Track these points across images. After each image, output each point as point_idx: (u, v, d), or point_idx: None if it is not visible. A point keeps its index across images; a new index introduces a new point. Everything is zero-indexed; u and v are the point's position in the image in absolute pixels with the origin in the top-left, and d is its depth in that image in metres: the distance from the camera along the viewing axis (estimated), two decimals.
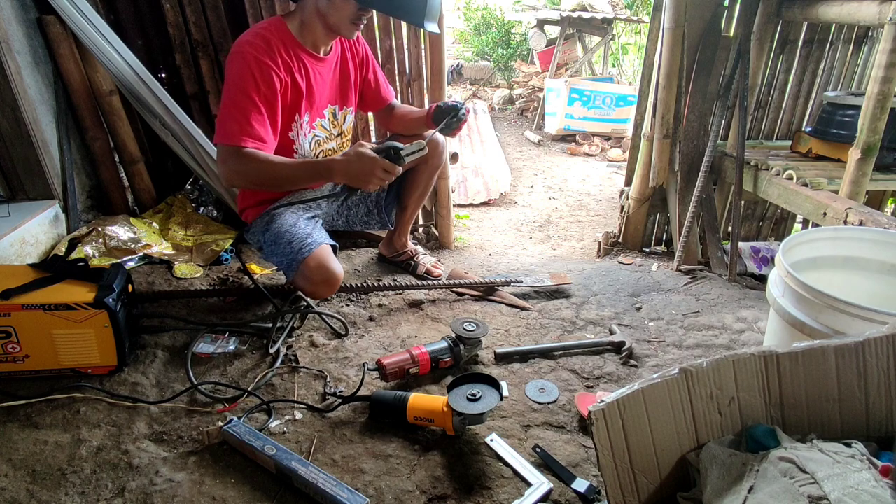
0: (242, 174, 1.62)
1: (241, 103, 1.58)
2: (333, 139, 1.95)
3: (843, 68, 2.75)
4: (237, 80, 1.58)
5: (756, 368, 1.03)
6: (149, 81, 2.20)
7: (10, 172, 2.12)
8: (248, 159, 1.57)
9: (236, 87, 1.58)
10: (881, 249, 1.54)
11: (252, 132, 1.59)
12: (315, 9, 1.66)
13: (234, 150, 1.58)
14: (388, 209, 2.20)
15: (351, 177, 1.57)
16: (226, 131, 1.58)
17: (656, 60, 2.57)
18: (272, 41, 1.63)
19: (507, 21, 8.11)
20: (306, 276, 1.72)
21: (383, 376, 1.56)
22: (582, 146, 5.66)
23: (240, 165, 1.58)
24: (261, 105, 1.60)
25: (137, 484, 1.23)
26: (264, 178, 1.63)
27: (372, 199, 2.17)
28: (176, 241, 2.30)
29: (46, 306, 1.45)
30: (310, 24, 1.69)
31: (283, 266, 1.79)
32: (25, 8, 2.06)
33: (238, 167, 1.59)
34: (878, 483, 0.88)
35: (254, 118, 1.59)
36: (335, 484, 1.18)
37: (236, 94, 1.58)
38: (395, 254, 2.31)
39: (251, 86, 1.58)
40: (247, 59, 1.58)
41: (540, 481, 1.26)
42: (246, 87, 1.58)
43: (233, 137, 1.57)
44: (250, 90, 1.58)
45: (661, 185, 2.69)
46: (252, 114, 1.58)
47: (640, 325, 1.96)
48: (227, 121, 1.58)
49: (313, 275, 1.71)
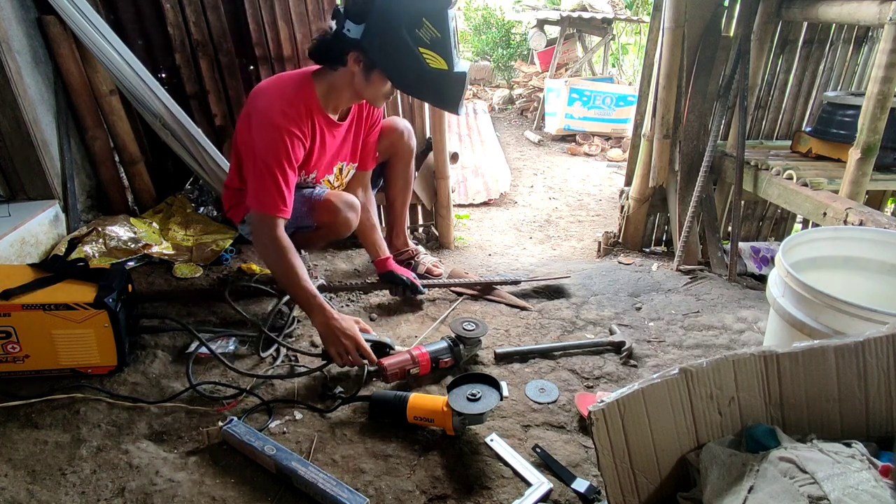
0: (269, 249, 1.65)
1: (275, 172, 1.62)
2: (334, 189, 1.98)
3: (843, 68, 2.75)
4: (272, 149, 1.62)
5: (756, 368, 1.03)
6: (149, 81, 2.20)
7: (10, 172, 2.12)
8: (279, 244, 1.63)
9: (272, 156, 1.61)
10: (881, 249, 1.54)
11: (286, 201, 1.65)
12: (350, 80, 1.67)
13: (272, 220, 1.63)
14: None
15: (325, 334, 1.59)
16: (264, 201, 1.63)
17: (656, 60, 2.57)
18: (301, 109, 1.65)
19: (507, 21, 8.11)
20: (333, 208, 1.80)
21: (384, 377, 1.56)
22: (582, 146, 5.66)
23: (270, 241, 1.63)
24: (289, 173, 1.65)
25: (137, 484, 1.23)
26: (275, 268, 1.69)
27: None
28: (176, 241, 2.30)
29: (46, 306, 1.45)
30: (339, 90, 1.71)
31: (301, 213, 1.82)
32: (25, 8, 2.06)
33: (269, 241, 1.63)
34: (878, 483, 0.88)
35: (286, 188, 1.64)
36: (335, 484, 1.18)
37: (272, 162, 1.61)
38: (395, 254, 2.31)
39: (284, 156, 1.62)
40: (280, 130, 1.61)
41: (540, 481, 1.26)
42: (279, 157, 1.62)
43: (272, 208, 1.63)
44: (283, 160, 1.62)
45: (661, 185, 2.69)
46: (285, 184, 1.64)
47: (640, 325, 1.96)
48: (264, 190, 1.63)
49: (339, 202, 1.80)
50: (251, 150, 1.65)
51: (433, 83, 1.64)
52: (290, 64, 2.39)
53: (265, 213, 1.63)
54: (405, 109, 2.55)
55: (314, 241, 2.04)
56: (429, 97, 1.85)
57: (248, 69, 2.41)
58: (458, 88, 1.66)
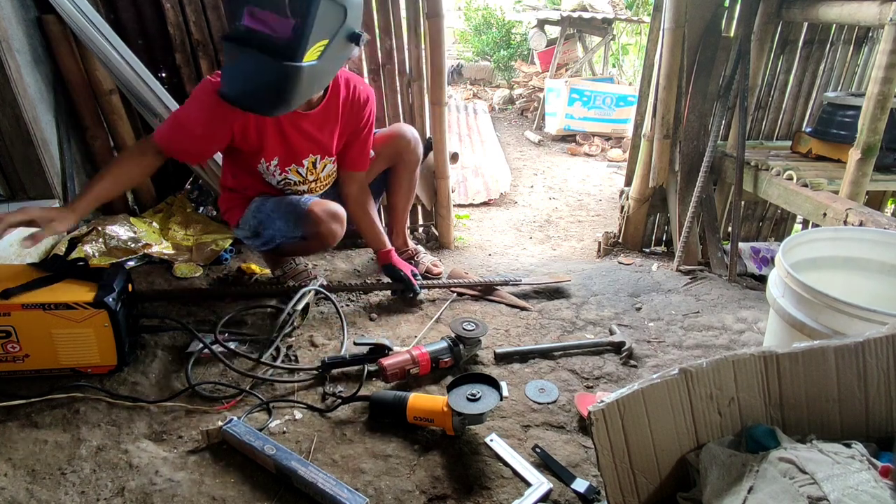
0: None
1: (179, 111, 1.67)
2: (306, 184, 1.95)
3: (843, 69, 2.75)
4: (193, 95, 1.65)
5: (756, 369, 1.03)
6: (149, 81, 2.20)
7: (9, 172, 2.12)
8: (126, 149, 1.67)
9: (188, 100, 1.66)
10: (881, 250, 1.54)
11: (170, 134, 1.64)
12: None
13: (149, 138, 1.66)
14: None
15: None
16: (158, 128, 1.67)
17: (656, 61, 2.57)
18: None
19: (508, 21, 8.11)
20: (315, 219, 1.79)
21: (384, 377, 1.56)
22: (582, 146, 5.66)
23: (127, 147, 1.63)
24: (192, 116, 1.64)
25: (137, 483, 1.23)
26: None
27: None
28: (176, 240, 2.30)
29: (46, 306, 1.45)
30: None
31: (288, 226, 1.83)
32: (25, 7, 2.06)
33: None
34: (878, 484, 0.88)
35: (178, 125, 1.65)
36: (335, 484, 1.18)
37: (184, 105, 1.66)
38: (397, 252, 2.31)
39: (197, 102, 1.64)
40: (210, 87, 1.60)
41: (540, 481, 1.26)
42: (193, 101, 1.64)
43: (156, 132, 1.65)
44: (194, 104, 1.64)
45: (661, 186, 2.69)
46: (177, 122, 1.65)
47: (640, 326, 1.96)
48: (164, 122, 1.68)
49: (322, 213, 1.79)
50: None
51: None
52: None
53: (151, 134, 1.66)
54: (405, 111, 2.55)
55: (302, 251, 2.05)
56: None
57: None
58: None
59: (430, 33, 2.36)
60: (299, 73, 1.44)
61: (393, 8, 2.34)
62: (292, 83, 1.46)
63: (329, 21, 1.44)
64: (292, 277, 2.06)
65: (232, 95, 1.51)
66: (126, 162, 1.63)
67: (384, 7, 2.33)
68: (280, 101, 1.50)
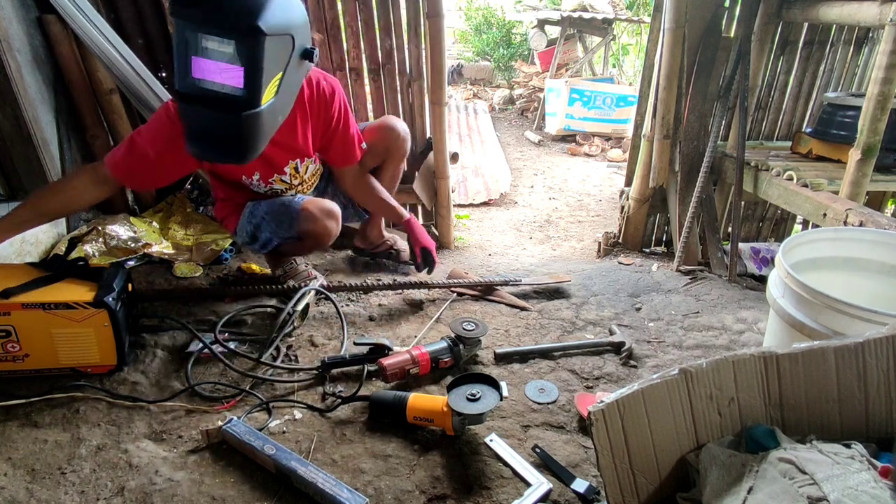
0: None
1: (133, 137, 1.60)
2: (292, 188, 1.96)
3: (843, 69, 2.75)
4: (148, 125, 1.62)
5: (756, 369, 1.03)
6: (149, 80, 2.20)
7: (10, 171, 2.12)
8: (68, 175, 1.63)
9: (143, 128, 1.62)
10: (881, 250, 1.54)
11: (120, 161, 1.59)
12: None
13: (98, 164, 1.62)
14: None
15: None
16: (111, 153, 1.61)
17: (657, 61, 2.57)
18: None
19: (508, 21, 8.11)
20: (309, 217, 1.79)
21: (384, 377, 1.56)
22: (582, 146, 5.66)
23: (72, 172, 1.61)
24: (142, 148, 1.59)
25: (137, 483, 1.23)
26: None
27: (345, 194, 2.16)
28: (176, 240, 2.30)
29: (46, 305, 1.45)
30: None
31: (283, 227, 1.83)
32: (26, 7, 2.06)
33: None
34: (878, 484, 0.88)
35: (128, 154, 1.59)
36: (335, 483, 1.18)
37: (137, 131, 1.61)
38: (372, 246, 2.34)
39: (149, 135, 1.59)
40: (164, 117, 1.57)
41: (539, 481, 1.26)
42: (144, 131, 1.60)
43: (108, 157, 1.60)
44: (145, 136, 1.59)
45: (662, 186, 2.69)
46: (129, 150, 1.59)
47: (640, 326, 1.96)
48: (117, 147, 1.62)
49: (315, 211, 1.80)
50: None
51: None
52: None
53: (103, 160, 1.60)
54: (405, 110, 2.55)
55: (300, 251, 2.05)
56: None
57: None
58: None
59: (431, 33, 2.36)
60: (260, 117, 1.39)
61: (393, 8, 2.35)
62: (256, 129, 1.42)
63: (279, 54, 1.37)
64: (292, 277, 2.06)
65: (200, 154, 1.48)
66: (58, 192, 1.57)
67: (384, 7, 2.33)
68: (249, 149, 1.46)
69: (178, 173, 1.72)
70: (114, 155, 1.59)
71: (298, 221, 1.81)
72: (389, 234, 2.39)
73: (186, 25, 1.28)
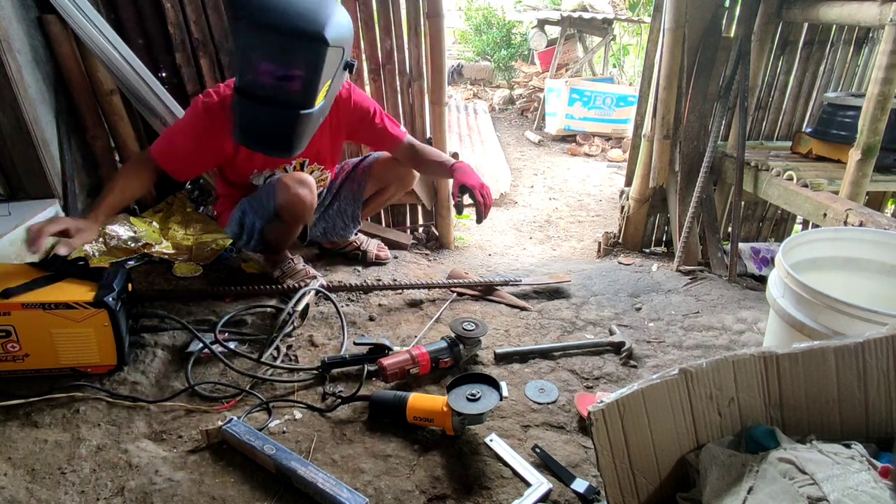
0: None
1: (172, 130, 1.77)
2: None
3: (843, 69, 2.75)
4: (184, 119, 1.77)
5: (756, 369, 1.03)
6: (149, 81, 2.20)
7: (10, 171, 2.12)
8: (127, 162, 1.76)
9: (180, 122, 1.78)
10: (881, 250, 1.54)
11: (165, 151, 1.73)
12: None
13: (147, 152, 1.74)
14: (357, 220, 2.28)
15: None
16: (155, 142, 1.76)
17: (657, 61, 2.57)
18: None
19: (508, 21, 8.12)
20: (283, 187, 1.80)
21: (384, 377, 1.56)
22: (582, 146, 5.66)
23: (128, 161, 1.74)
24: (184, 141, 1.73)
25: (137, 483, 1.23)
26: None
27: (349, 214, 2.24)
28: (176, 240, 2.30)
29: (46, 305, 1.45)
30: None
31: (262, 205, 1.87)
32: (26, 7, 2.06)
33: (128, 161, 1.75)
34: (878, 484, 0.88)
35: (171, 145, 1.74)
36: (335, 483, 1.18)
37: (177, 124, 1.79)
38: (339, 247, 2.38)
39: (186, 129, 1.74)
40: (198, 113, 1.70)
41: (539, 481, 1.26)
42: (185, 125, 1.75)
43: (153, 146, 1.74)
44: (184, 130, 1.74)
45: (662, 186, 2.69)
46: (170, 142, 1.74)
47: (640, 326, 1.96)
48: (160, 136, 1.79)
49: (287, 181, 1.80)
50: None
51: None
52: None
53: (149, 147, 1.74)
54: (405, 110, 2.55)
55: (281, 232, 1.99)
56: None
57: None
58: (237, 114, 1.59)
59: (431, 33, 2.36)
60: (311, 117, 1.60)
61: (393, 8, 2.34)
62: (307, 127, 1.61)
63: (332, 64, 1.55)
64: (291, 276, 2.07)
65: (250, 145, 1.65)
66: (127, 175, 1.71)
67: (384, 7, 2.33)
68: (298, 145, 1.64)
69: (208, 164, 1.86)
70: (157, 144, 1.74)
71: (275, 195, 1.84)
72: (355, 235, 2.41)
73: (258, 31, 1.46)
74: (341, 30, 1.53)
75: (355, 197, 2.21)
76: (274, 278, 2.08)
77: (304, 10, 1.47)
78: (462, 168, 1.97)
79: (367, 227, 2.61)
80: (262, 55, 1.49)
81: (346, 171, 2.25)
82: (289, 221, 1.90)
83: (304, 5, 1.48)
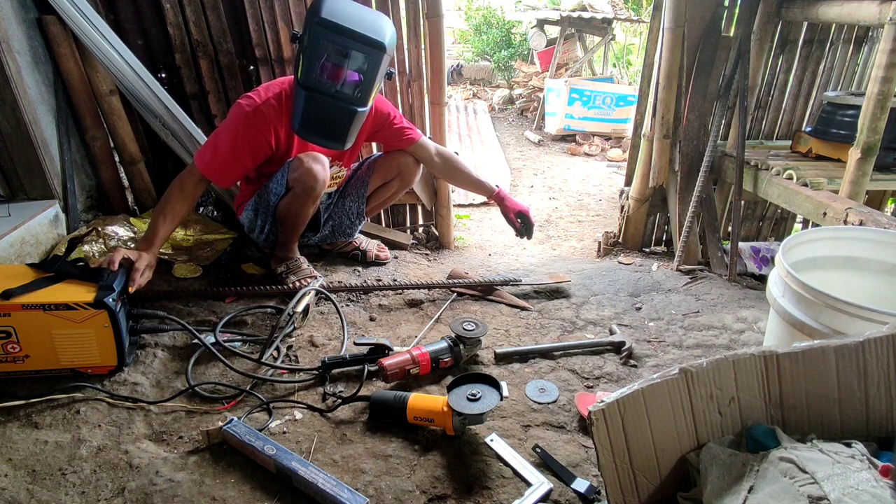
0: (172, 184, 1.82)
1: (221, 140, 1.81)
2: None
3: (843, 68, 2.75)
4: (231, 125, 1.82)
5: (756, 368, 1.03)
6: (149, 81, 2.20)
7: (10, 172, 2.12)
8: (175, 182, 1.79)
9: (228, 130, 1.82)
10: (881, 249, 1.54)
11: (215, 165, 1.80)
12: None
13: (193, 168, 1.80)
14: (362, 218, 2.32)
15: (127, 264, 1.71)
16: (200, 153, 1.82)
17: (656, 60, 2.57)
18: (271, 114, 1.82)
19: (508, 21, 8.12)
20: (297, 165, 1.89)
21: (384, 377, 1.56)
22: (582, 146, 5.66)
23: (177, 179, 1.80)
24: (236, 153, 1.81)
25: (137, 484, 1.23)
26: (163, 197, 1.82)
27: (353, 211, 2.27)
28: (175, 241, 2.30)
29: (46, 306, 1.45)
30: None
31: (278, 181, 1.95)
32: (25, 8, 2.06)
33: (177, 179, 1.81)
34: (878, 483, 0.87)
35: (221, 158, 1.81)
36: (335, 484, 1.18)
37: (224, 133, 1.82)
38: (339, 247, 2.39)
39: (238, 137, 1.81)
40: (238, 116, 1.80)
41: (540, 481, 1.26)
42: (235, 134, 1.81)
43: (199, 159, 1.80)
44: (235, 139, 1.81)
45: (661, 185, 2.69)
46: (218, 154, 1.81)
47: (640, 325, 1.96)
48: (205, 147, 1.84)
49: (303, 158, 1.89)
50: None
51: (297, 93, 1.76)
52: (291, 66, 2.39)
53: (193, 162, 1.80)
54: (405, 110, 2.55)
55: (293, 207, 1.99)
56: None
57: (249, 70, 2.40)
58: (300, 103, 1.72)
59: (430, 33, 2.36)
60: (364, 114, 1.81)
61: (393, 8, 2.34)
62: (358, 122, 1.81)
63: (383, 70, 1.78)
64: (294, 273, 2.07)
65: (309, 136, 1.80)
66: (177, 200, 1.79)
67: (383, 7, 2.33)
68: (350, 138, 1.84)
69: (252, 164, 1.91)
70: (202, 157, 1.81)
71: (289, 169, 1.92)
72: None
73: (331, 38, 1.66)
74: (393, 41, 1.77)
75: (359, 193, 2.24)
76: (277, 274, 2.09)
77: (370, 21, 1.73)
78: (508, 196, 2.21)
79: (367, 227, 2.61)
80: (333, 56, 1.70)
81: (353, 170, 2.29)
82: (300, 195, 1.92)
83: (371, 17, 1.75)
